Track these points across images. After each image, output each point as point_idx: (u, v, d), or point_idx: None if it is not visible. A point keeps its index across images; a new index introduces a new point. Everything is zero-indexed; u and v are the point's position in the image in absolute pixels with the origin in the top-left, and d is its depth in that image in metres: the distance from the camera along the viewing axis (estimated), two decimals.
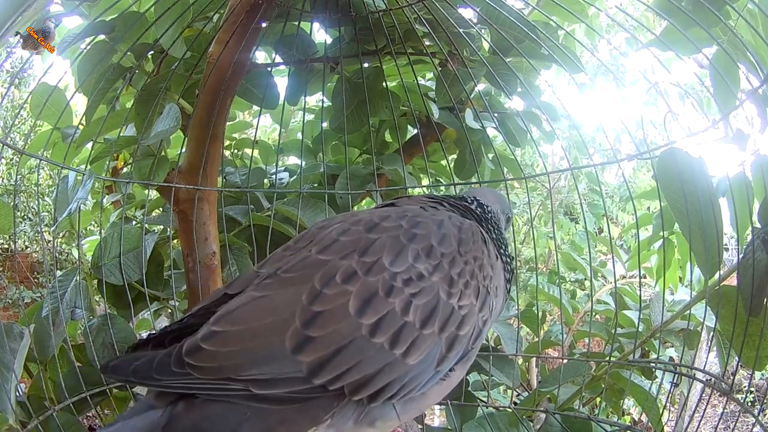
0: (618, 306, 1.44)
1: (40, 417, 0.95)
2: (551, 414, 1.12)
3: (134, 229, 1.26)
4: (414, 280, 0.66)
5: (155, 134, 1.11)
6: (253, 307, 0.63)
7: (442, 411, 1.52)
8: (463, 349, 0.69)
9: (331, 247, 0.68)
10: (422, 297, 0.65)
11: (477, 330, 0.71)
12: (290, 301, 0.63)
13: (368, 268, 0.65)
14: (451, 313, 0.67)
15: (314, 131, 1.71)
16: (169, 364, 0.59)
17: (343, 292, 0.63)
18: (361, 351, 0.61)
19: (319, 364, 0.60)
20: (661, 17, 1.03)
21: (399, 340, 0.63)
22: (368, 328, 0.62)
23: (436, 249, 0.69)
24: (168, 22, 1.11)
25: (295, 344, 0.60)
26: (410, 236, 0.69)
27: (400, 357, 0.63)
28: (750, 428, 2.61)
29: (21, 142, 3.60)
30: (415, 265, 0.67)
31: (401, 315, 0.63)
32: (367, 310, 0.62)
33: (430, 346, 0.65)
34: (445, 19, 1.18)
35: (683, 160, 0.96)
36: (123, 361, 0.61)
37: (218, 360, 0.59)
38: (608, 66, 1.64)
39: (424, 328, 0.65)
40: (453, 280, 0.68)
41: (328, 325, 0.61)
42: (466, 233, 0.74)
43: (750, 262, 0.89)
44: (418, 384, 0.66)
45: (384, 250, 0.67)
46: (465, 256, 0.71)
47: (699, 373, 1.06)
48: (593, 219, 3.36)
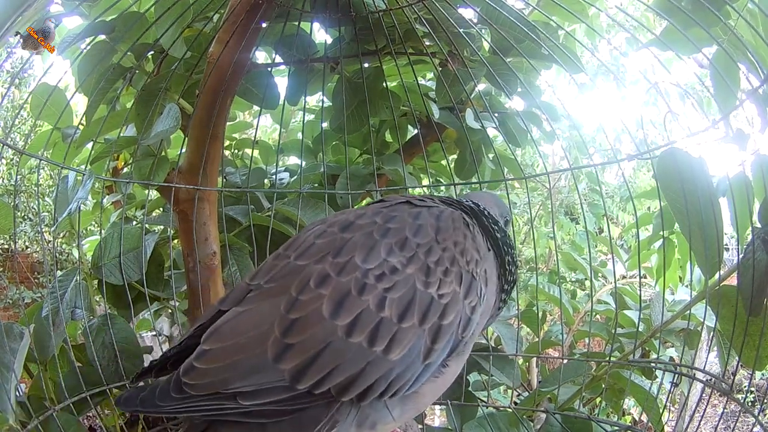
0: (618, 306, 1.44)
1: (40, 417, 0.95)
2: (551, 414, 1.12)
3: (134, 229, 1.26)
4: (387, 275, 0.65)
5: (155, 134, 1.11)
6: (237, 322, 0.65)
7: (443, 411, 1.52)
8: (451, 339, 0.68)
9: (308, 251, 0.69)
10: (397, 290, 0.65)
11: (465, 318, 0.70)
12: (270, 312, 0.64)
13: (340, 269, 0.65)
14: (430, 303, 0.66)
15: (314, 131, 1.71)
16: (169, 391, 0.61)
17: (317, 297, 0.63)
18: (339, 353, 0.62)
19: (299, 370, 0.61)
20: (661, 17, 1.03)
21: (377, 337, 0.63)
22: (344, 329, 0.62)
23: (411, 240, 0.69)
24: (168, 22, 1.11)
25: (275, 353, 0.61)
26: (383, 231, 0.69)
27: (381, 354, 0.63)
28: (750, 428, 2.61)
29: (21, 142, 3.60)
30: (388, 260, 0.66)
31: (377, 311, 0.64)
32: (340, 311, 0.63)
33: (413, 339, 0.65)
34: (445, 19, 1.18)
35: (683, 160, 0.96)
36: (132, 393, 0.63)
37: (208, 376, 0.61)
38: (608, 66, 1.65)
39: (402, 321, 0.64)
40: (430, 269, 0.68)
41: (304, 331, 0.62)
42: (446, 221, 0.73)
43: (750, 262, 0.89)
44: (407, 380, 0.66)
45: (356, 248, 0.67)
46: (443, 243, 0.70)
47: (699, 373, 1.06)
48: (593, 219, 3.36)
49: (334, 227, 0.72)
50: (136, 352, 1.12)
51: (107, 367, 1.08)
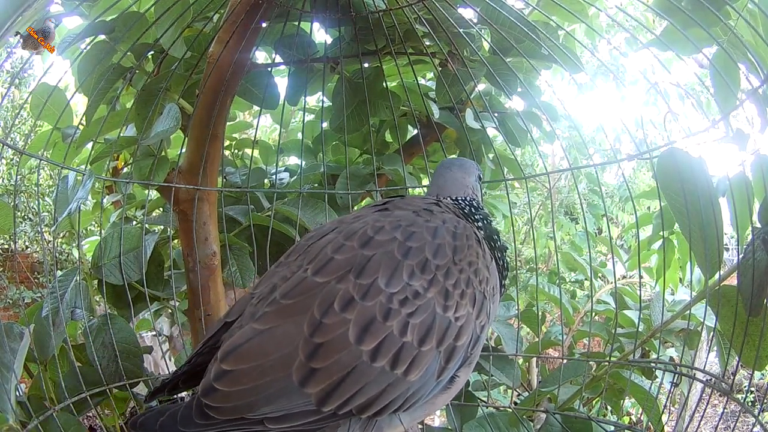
0: (618, 306, 1.44)
1: (40, 417, 0.95)
2: (551, 414, 1.12)
3: (134, 229, 1.26)
4: (410, 299, 0.66)
5: (155, 134, 1.11)
6: (258, 343, 0.64)
7: (443, 411, 1.52)
8: (462, 357, 0.70)
9: (326, 267, 0.69)
10: (419, 315, 0.66)
11: (475, 337, 0.72)
12: (292, 333, 0.64)
13: (365, 292, 0.66)
14: (448, 327, 0.68)
15: (314, 131, 1.71)
16: (191, 416, 0.61)
17: (342, 321, 0.64)
18: (364, 376, 0.63)
19: (326, 393, 0.62)
20: (661, 17, 1.03)
21: (399, 361, 0.64)
22: (369, 354, 0.63)
23: (431, 263, 0.70)
24: (168, 22, 1.11)
25: (301, 377, 0.62)
26: (405, 251, 0.70)
27: (402, 376, 0.64)
28: (750, 428, 2.61)
29: (21, 142, 3.60)
30: (411, 284, 0.67)
31: (399, 336, 0.65)
32: (366, 337, 0.64)
33: (429, 361, 0.67)
34: (445, 19, 1.18)
35: (683, 160, 0.96)
36: (149, 417, 0.63)
37: (232, 399, 0.61)
38: (608, 66, 1.65)
39: (422, 345, 0.66)
40: (448, 292, 0.69)
41: (330, 356, 0.63)
42: (461, 239, 0.74)
43: (750, 262, 0.89)
44: (421, 396, 0.68)
45: (380, 269, 0.67)
46: (460, 264, 0.72)
47: (699, 373, 1.06)
48: (593, 219, 3.36)
49: (352, 241, 0.71)
50: (136, 352, 1.12)
51: (107, 367, 1.08)
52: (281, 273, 0.72)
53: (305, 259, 0.71)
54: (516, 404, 1.28)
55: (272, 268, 0.75)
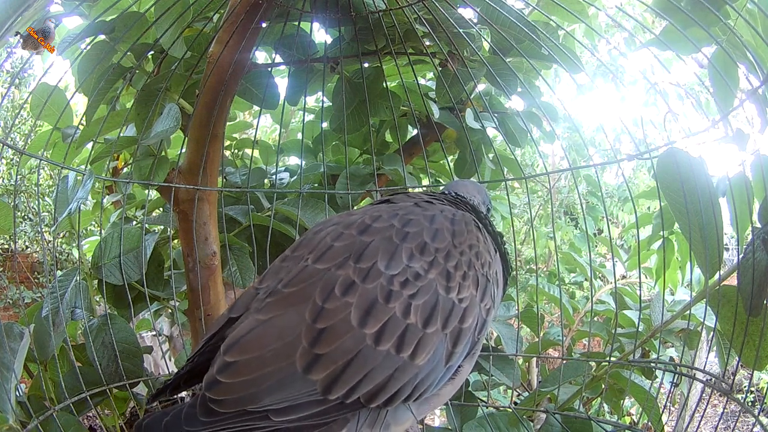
0: (618, 306, 1.44)
1: (40, 417, 0.95)
2: (551, 414, 1.12)
3: (134, 229, 1.26)
4: (411, 281, 0.66)
5: (155, 134, 1.11)
6: (261, 332, 0.63)
7: (443, 411, 1.52)
8: (469, 341, 0.69)
9: (326, 254, 0.69)
10: (421, 296, 0.66)
11: (481, 320, 0.71)
12: (295, 321, 0.63)
13: (365, 275, 0.65)
14: (452, 308, 0.67)
15: (314, 131, 1.71)
16: (196, 414, 0.60)
17: (344, 305, 0.63)
18: (369, 360, 0.62)
19: (331, 380, 0.61)
20: (661, 17, 1.03)
21: (404, 344, 0.63)
22: (372, 337, 0.62)
23: (430, 245, 0.69)
24: (168, 22, 1.11)
25: (305, 364, 0.61)
26: (403, 235, 0.69)
27: (408, 359, 0.63)
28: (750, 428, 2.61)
29: (21, 142, 3.60)
30: (411, 265, 0.67)
31: (403, 318, 0.64)
32: (368, 319, 0.63)
33: (436, 343, 0.65)
34: (445, 19, 1.18)
35: (683, 160, 0.96)
36: (154, 418, 0.62)
37: (235, 391, 0.60)
38: (608, 66, 1.65)
39: (427, 327, 0.65)
40: (450, 273, 0.68)
41: (334, 341, 0.62)
42: (459, 224, 0.74)
43: (750, 262, 0.89)
44: (431, 383, 0.66)
45: (378, 253, 0.67)
46: (460, 247, 0.71)
47: (699, 373, 1.06)
48: (592, 221, 3.36)
49: (351, 229, 0.71)
50: (136, 352, 1.12)
51: (107, 367, 1.08)
52: (287, 266, 0.72)
53: (307, 250, 0.71)
54: (516, 404, 1.28)
55: (278, 263, 0.74)
